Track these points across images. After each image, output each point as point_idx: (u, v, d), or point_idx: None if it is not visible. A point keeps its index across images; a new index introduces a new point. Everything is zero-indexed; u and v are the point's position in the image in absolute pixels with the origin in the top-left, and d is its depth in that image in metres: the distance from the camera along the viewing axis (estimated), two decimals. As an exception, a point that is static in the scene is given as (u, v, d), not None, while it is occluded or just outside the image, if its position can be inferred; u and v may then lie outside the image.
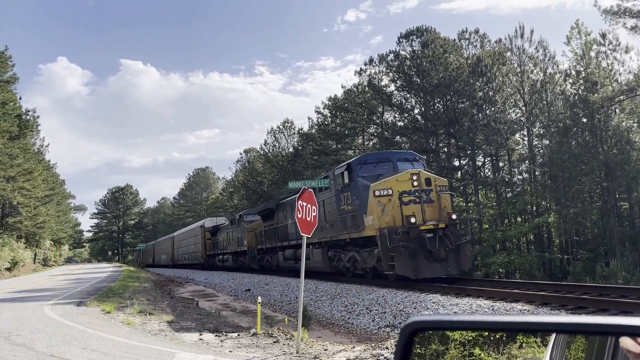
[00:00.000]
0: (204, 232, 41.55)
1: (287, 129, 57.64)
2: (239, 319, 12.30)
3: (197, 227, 45.13)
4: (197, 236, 44.08)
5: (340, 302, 12.68)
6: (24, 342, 8.56)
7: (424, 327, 1.35)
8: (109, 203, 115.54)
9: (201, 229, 42.45)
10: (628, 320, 1.01)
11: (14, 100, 42.11)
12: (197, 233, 43.95)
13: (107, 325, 10.56)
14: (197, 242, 43.66)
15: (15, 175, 41.98)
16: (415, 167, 14.46)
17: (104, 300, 15.14)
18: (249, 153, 66.97)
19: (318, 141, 45.82)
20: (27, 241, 54.91)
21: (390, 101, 40.09)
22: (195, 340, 8.77)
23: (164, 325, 10.49)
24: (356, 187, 14.12)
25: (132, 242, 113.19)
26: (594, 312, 7.80)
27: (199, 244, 42.86)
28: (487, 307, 9.03)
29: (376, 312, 10.73)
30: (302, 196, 8.68)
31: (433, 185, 13.58)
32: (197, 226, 45.31)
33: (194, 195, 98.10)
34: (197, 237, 44.09)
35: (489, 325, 1.34)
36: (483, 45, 37.30)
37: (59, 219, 69.04)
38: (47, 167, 61.22)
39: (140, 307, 12.95)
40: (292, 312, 12.77)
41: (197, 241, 43.67)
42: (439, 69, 34.78)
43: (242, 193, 61.56)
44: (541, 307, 8.44)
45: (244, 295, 18.61)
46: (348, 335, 9.49)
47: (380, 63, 41.24)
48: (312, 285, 16.25)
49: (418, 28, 39.53)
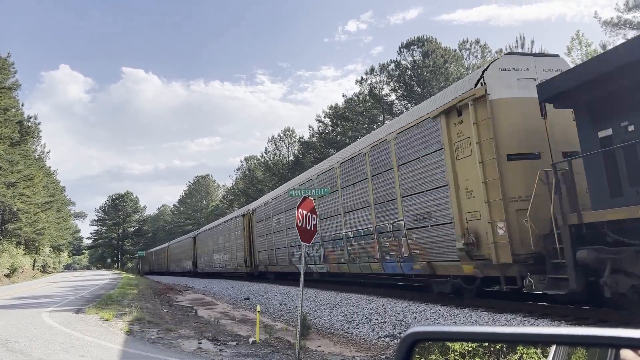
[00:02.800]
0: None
1: (287, 137, 57.81)
2: (238, 328, 12.24)
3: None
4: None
5: (340, 312, 12.63)
6: (21, 349, 8.52)
7: (424, 338, 1.35)
8: (108, 210, 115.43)
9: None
10: (629, 333, 1.01)
11: (16, 106, 42.29)
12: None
13: (106, 332, 10.51)
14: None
15: (15, 182, 42.02)
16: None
17: (103, 307, 15.08)
18: (249, 161, 67.10)
19: (319, 149, 45.94)
20: (26, 247, 54.85)
21: (391, 110, 40.21)
22: (194, 349, 8.72)
23: (162, 334, 10.44)
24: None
25: (131, 250, 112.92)
26: (594, 323, 7.77)
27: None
28: (487, 318, 8.99)
29: (376, 322, 10.68)
30: (302, 204, 8.67)
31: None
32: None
33: (194, 202, 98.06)
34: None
35: (489, 336, 1.33)
36: (484, 56, 37.50)
37: (58, 225, 68.99)
38: (48, 173, 61.27)
39: (139, 315, 12.90)
40: (292, 321, 12.72)
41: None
42: (439, 79, 34.92)
43: (242, 201, 61.64)
44: (541, 318, 8.41)
45: (243, 304, 18.54)
46: (347, 345, 9.44)
47: (381, 72, 41.45)
48: (312, 294, 16.19)
49: (419, 38, 39.76)
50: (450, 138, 10.25)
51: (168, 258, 58.48)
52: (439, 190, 10.62)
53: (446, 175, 10.33)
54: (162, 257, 63.71)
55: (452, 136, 10.22)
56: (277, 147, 57.80)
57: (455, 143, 10.10)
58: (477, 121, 9.45)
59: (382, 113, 41.13)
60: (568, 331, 1.10)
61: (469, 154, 9.69)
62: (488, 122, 9.26)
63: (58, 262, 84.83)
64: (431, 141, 10.90)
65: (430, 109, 11.05)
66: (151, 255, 73.26)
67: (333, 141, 44.12)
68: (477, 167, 9.38)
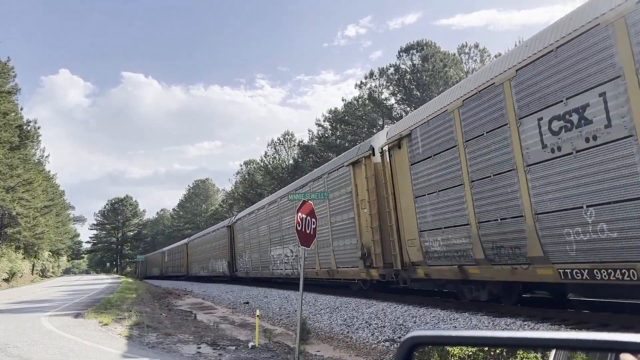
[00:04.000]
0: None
1: (287, 141, 57.84)
2: (238, 332, 12.21)
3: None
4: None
5: (340, 316, 12.60)
6: (20, 354, 8.49)
7: (423, 342, 1.34)
8: (108, 214, 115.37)
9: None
10: (629, 337, 1.01)
11: (15, 110, 42.32)
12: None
13: (105, 337, 10.48)
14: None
15: (15, 186, 42.01)
16: None
17: (102, 312, 15.05)
18: (249, 165, 67.11)
19: (318, 153, 45.97)
20: (25, 252, 54.76)
21: (391, 114, 40.28)
22: (193, 353, 8.69)
23: (161, 338, 10.41)
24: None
25: (130, 254, 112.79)
26: (594, 327, 7.75)
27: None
28: (486, 322, 8.97)
29: (375, 326, 10.66)
30: (301, 208, 8.67)
31: None
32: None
33: (194, 206, 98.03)
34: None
35: (489, 340, 1.33)
36: (483, 60, 37.58)
37: (57, 229, 68.94)
38: (47, 177, 61.26)
39: (138, 320, 12.87)
40: (291, 326, 12.69)
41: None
42: (439, 83, 34.99)
43: (242, 205, 61.64)
44: (542, 322, 8.39)
45: (243, 308, 18.50)
46: (347, 350, 9.42)
47: (381, 76, 41.53)
48: (311, 298, 16.16)
49: (418, 42, 39.84)
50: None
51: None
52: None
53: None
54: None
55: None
56: (277, 151, 57.84)
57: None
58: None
59: (382, 117, 41.18)
60: (568, 335, 1.10)
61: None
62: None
63: (57, 266, 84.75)
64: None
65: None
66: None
67: (332, 145, 44.15)
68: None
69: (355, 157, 14.61)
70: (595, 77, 6.86)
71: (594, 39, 6.89)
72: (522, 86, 8.22)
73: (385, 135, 13.33)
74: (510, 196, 8.55)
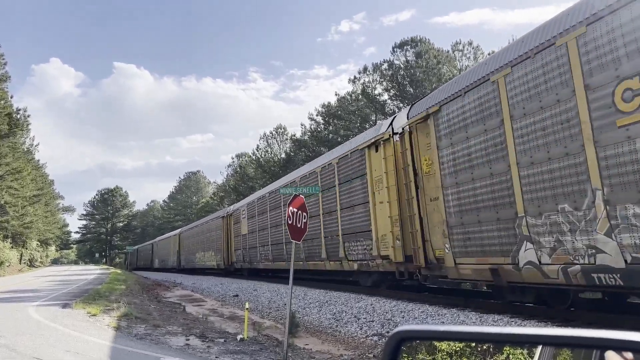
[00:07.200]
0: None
1: (279, 135, 57.71)
2: (226, 325, 12.21)
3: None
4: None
5: (329, 310, 12.64)
6: (7, 343, 8.43)
7: (411, 337, 1.35)
8: (97, 205, 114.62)
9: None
10: (614, 335, 1.02)
11: (5, 98, 41.79)
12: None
13: (93, 328, 10.44)
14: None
15: (3, 174, 41.58)
16: None
17: (90, 302, 14.97)
18: (241, 158, 66.89)
19: (310, 147, 45.94)
20: (13, 241, 54.30)
21: (384, 110, 40.29)
22: (182, 345, 8.69)
23: (150, 329, 10.39)
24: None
25: (120, 245, 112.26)
26: (581, 325, 7.84)
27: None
28: (474, 318, 9.05)
29: (364, 321, 10.70)
30: (292, 202, 8.66)
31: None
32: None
33: (184, 198, 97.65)
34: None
35: (476, 336, 1.34)
36: (476, 57, 37.67)
37: (46, 219, 68.39)
38: (36, 166, 60.66)
39: (127, 311, 12.82)
40: (280, 319, 12.71)
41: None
42: (432, 80, 35.04)
43: (233, 197, 61.51)
44: (529, 319, 8.47)
45: (232, 301, 18.49)
46: (335, 344, 9.45)
47: (374, 72, 41.50)
48: (301, 292, 16.20)
49: (412, 38, 39.86)
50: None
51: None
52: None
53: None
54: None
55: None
56: (269, 145, 57.70)
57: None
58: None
59: (375, 112, 41.19)
60: (554, 332, 1.11)
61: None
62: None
63: (45, 256, 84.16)
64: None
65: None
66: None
67: (325, 139, 44.12)
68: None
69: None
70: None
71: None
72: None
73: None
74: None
